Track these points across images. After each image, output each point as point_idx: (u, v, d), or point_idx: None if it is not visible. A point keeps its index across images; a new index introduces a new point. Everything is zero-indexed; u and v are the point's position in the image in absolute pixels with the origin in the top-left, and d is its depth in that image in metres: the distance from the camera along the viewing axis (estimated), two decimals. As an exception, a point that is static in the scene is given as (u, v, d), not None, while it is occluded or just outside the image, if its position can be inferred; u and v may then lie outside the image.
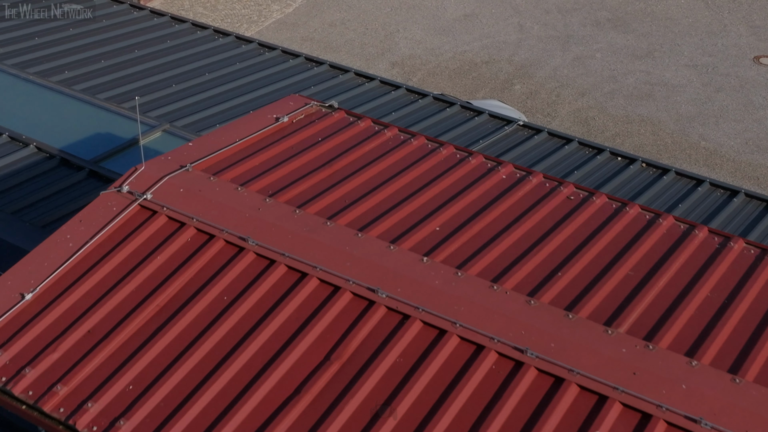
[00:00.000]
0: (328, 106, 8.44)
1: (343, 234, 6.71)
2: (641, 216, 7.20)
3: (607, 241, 6.86)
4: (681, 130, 23.00)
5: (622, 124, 23.19)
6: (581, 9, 28.57)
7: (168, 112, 11.47)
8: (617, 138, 22.56)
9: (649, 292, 6.34)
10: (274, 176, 7.38)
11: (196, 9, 29.09)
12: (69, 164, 9.96)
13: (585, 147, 11.49)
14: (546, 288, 6.31)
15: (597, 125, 23.13)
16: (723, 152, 22.30)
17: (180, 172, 7.27)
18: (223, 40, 13.70)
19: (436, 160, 7.77)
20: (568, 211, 7.20)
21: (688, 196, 10.57)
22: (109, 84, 12.06)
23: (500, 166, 7.69)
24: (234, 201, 7.01)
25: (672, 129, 23.07)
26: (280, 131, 8.04)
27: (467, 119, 11.98)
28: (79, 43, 13.14)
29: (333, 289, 6.34)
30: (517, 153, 11.21)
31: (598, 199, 7.33)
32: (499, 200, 7.25)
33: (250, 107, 11.87)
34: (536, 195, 7.39)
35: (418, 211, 7.09)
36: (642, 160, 11.22)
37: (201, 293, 6.39)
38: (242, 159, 7.58)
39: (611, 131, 22.87)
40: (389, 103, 12.26)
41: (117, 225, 6.92)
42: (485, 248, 6.68)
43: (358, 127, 8.16)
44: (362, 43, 26.36)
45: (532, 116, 22.93)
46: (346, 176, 7.44)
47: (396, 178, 7.43)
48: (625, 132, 22.85)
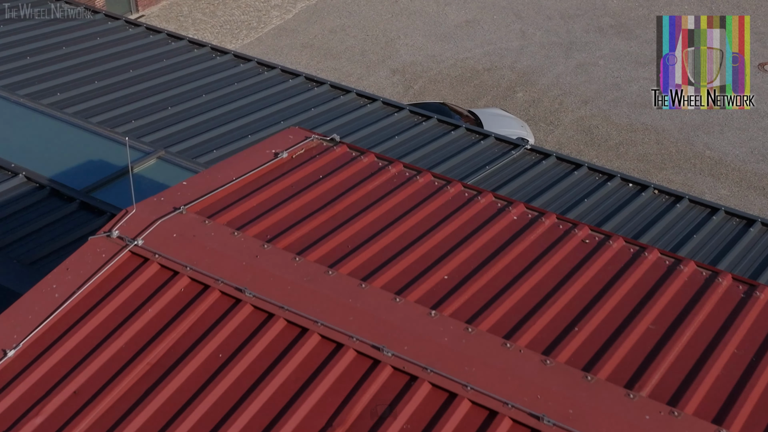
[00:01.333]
0: (329, 139, 8.05)
1: (345, 284, 6.32)
2: (660, 262, 6.80)
3: (625, 291, 6.47)
4: (685, 139, 22.63)
5: (626, 132, 22.83)
6: (584, 15, 28.20)
7: (163, 136, 11.08)
8: (621, 147, 22.20)
9: (672, 348, 5.95)
10: (272, 219, 6.98)
11: (194, 15, 28.71)
12: (59, 195, 9.57)
13: (595, 172, 11.11)
14: (562, 345, 5.91)
15: (600, 134, 22.76)
16: (728, 161, 21.93)
17: (173, 215, 6.88)
18: (220, 58, 13.31)
19: (444, 200, 7.38)
20: (583, 257, 6.81)
21: (704, 225, 10.19)
22: (102, 106, 11.67)
23: (511, 206, 7.30)
24: (230, 247, 6.62)
25: (676, 137, 22.70)
26: (279, 168, 7.65)
27: (473, 143, 11.59)
28: (73, 63, 12.75)
29: (335, 346, 5.95)
30: (525, 179, 10.83)
31: (615, 243, 6.94)
32: (510, 245, 6.86)
33: (248, 130, 11.49)
34: (549, 238, 7.00)
35: (424, 257, 6.70)
36: (654, 187, 10.84)
37: (194, 350, 6.00)
38: (239, 199, 7.19)
39: (615, 140, 22.51)
40: (392, 126, 11.87)
41: (106, 273, 6.53)
42: (497, 300, 6.29)
43: (361, 163, 7.77)
44: (363, 49, 25.99)
45: (535, 125, 22.57)
46: (348, 218, 7.05)
47: (401, 220, 7.04)
48: (629, 141, 22.49)
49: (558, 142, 22.28)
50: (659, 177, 21.16)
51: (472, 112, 21.47)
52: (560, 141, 22.35)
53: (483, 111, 21.69)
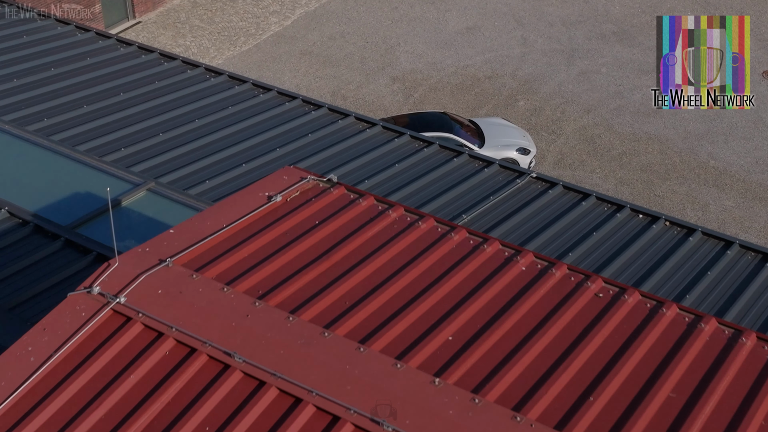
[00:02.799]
0: (326, 180, 7.60)
1: (342, 348, 5.88)
2: (680, 319, 6.36)
3: (642, 353, 6.03)
4: (689, 149, 22.22)
5: (629, 142, 22.42)
6: (586, 21, 27.79)
7: (154, 165, 10.63)
8: (624, 157, 21.80)
9: (697, 419, 5.51)
10: (265, 271, 6.54)
11: (192, 21, 28.28)
12: (44, 232, 9.11)
13: (603, 203, 10.66)
14: (577, 418, 5.47)
15: (603, 143, 22.36)
16: (732, 172, 21.53)
17: (159, 269, 6.43)
18: (215, 80, 12.85)
19: (448, 248, 6.93)
20: (597, 313, 6.37)
21: (718, 261, 9.75)
22: (91, 133, 11.22)
23: (519, 255, 6.86)
24: (219, 305, 6.17)
25: (680, 147, 22.29)
26: (272, 213, 7.20)
27: (476, 170, 11.14)
28: (62, 85, 12.30)
29: (331, 419, 5.51)
30: (531, 210, 10.39)
31: (631, 298, 6.49)
32: (519, 301, 6.41)
33: (243, 158, 11.05)
34: (561, 292, 6.56)
35: (427, 315, 6.25)
36: (665, 218, 10.39)
37: (180, 422, 5.56)
38: (230, 249, 6.75)
39: (618, 149, 22.11)
40: (392, 152, 11.42)
41: (86, 334, 6.08)
42: (505, 365, 5.85)
43: (359, 207, 7.32)
44: (362, 57, 25.58)
45: (537, 134, 22.16)
46: (345, 271, 6.60)
47: (402, 273, 6.60)
48: (632, 150, 22.09)
49: (560, 152, 21.89)
50: (663, 188, 20.77)
51: (473, 121, 21.08)
52: (562, 151, 21.97)
53: (484, 120, 21.30)
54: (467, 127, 20.72)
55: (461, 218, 10.08)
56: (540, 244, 9.81)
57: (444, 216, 10.20)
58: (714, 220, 20.08)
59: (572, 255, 9.62)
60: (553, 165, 21.54)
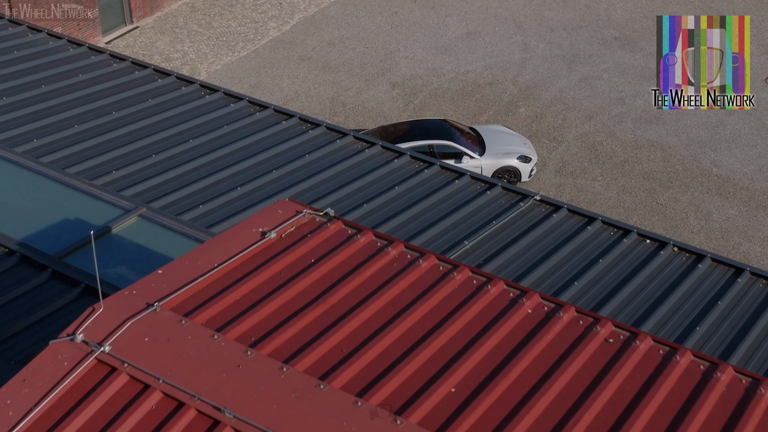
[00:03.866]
0: (323, 214, 7.28)
1: (339, 402, 5.55)
2: (694, 367, 6.04)
3: (656, 406, 5.71)
4: (692, 156, 21.93)
5: (631, 149, 22.13)
6: (587, 26, 27.48)
7: (146, 189, 10.31)
8: (626, 164, 21.50)
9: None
10: (257, 316, 6.22)
11: (190, 26, 27.96)
12: (30, 261, 8.78)
13: (609, 227, 10.33)
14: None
15: (605, 151, 22.06)
16: (736, 179, 21.23)
17: (146, 314, 6.11)
18: (210, 97, 12.52)
19: (450, 289, 6.61)
20: (608, 361, 6.05)
21: (729, 289, 9.43)
22: (81, 154, 10.89)
23: (525, 296, 6.53)
24: (209, 355, 5.85)
25: (683, 155, 22.00)
26: (266, 251, 6.88)
27: (479, 193, 10.81)
28: (52, 103, 11.97)
29: (328, 482, 5.19)
30: (535, 236, 10.06)
31: (642, 343, 6.17)
32: (526, 347, 6.09)
33: (238, 181, 10.73)
34: (569, 337, 6.24)
35: (428, 364, 5.93)
36: (673, 244, 10.07)
37: (166, 484, 5.24)
38: (221, 292, 6.42)
39: (620, 157, 21.81)
40: (392, 174, 11.10)
41: (68, 386, 5.76)
42: (513, 419, 5.53)
43: (357, 244, 7.00)
44: (362, 62, 25.29)
45: (538, 141, 21.86)
46: (342, 315, 6.28)
47: (402, 317, 6.27)
48: (634, 158, 21.79)
49: (561, 160, 21.61)
50: (665, 196, 20.49)
51: (474, 129, 20.79)
52: (564, 158, 21.68)
53: (485, 128, 21.01)
54: (468, 134, 20.44)
55: (463, 245, 9.76)
56: (544, 273, 9.49)
57: (445, 242, 9.89)
58: (717, 229, 19.78)
59: (578, 284, 9.30)
60: (555, 173, 21.26)
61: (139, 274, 9.00)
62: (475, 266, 9.62)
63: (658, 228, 19.51)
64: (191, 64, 25.99)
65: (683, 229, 19.72)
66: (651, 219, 19.92)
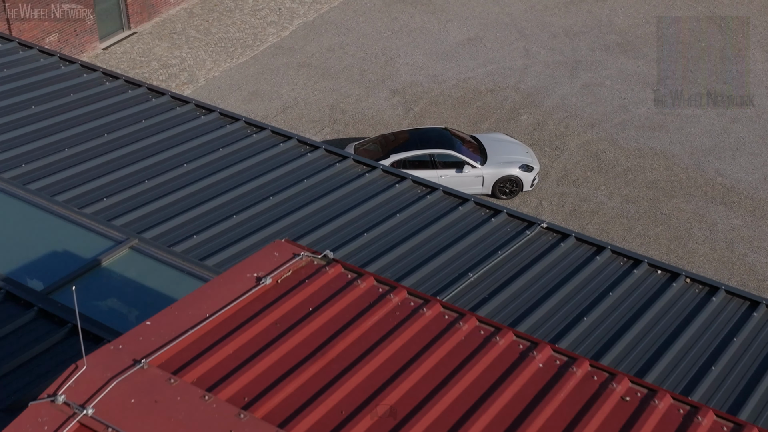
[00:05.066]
0: (321, 257, 6.89)
1: (338, 473, 5.18)
2: (717, 427, 5.66)
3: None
4: (696, 165, 21.56)
5: (634, 158, 21.77)
6: (589, 32, 27.11)
7: (138, 218, 9.92)
8: (629, 173, 21.14)
9: None
10: (251, 373, 5.83)
11: (188, 32, 27.57)
12: (16, 299, 8.38)
13: (619, 256, 9.95)
14: None
15: (608, 159, 21.70)
16: (740, 188, 20.87)
17: (132, 372, 5.72)
18: (205, 117, 12.12)
19: (456, 340, 6.23)
20: (625, 422, 5.66)
21: (745, 324, 9.05)
22: (71, 180, 10.50)
23: (536, 349, 6.15)
24: (199, 418, 5.46)
25: (686, 163, 21.63)
26: (261, 298, 6.50)
27: (483, 220, 10.42)
28: (42, 125, 11.58)
29: None
30: (543, 266, 9.68)
31: (661, 403, 5.79)
32: (539, 405, 5.71)
33: (233, 208, 10.34)
34: (584, 394, 5.86)
35: (435, 425, 5.54)
36: (686, 275, 9.69)
37: None
38: (213, 345, 6.03)
39: (623, 165, 21.45)
40: (394, 200, 10.71)
41: (48, 454, 5.37)
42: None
43: (358, 290, 6.61)
44: (362, 69, 24.93)
45: (540, 149, 21.50)
46: (342, 371, 5.89)
47: (405, 374, 5.89)
48: (637, 167, 21.44)
49: (564, 168, 21.26)
50: (669, 205, 20.13)
51: (475, 137, 20.42)
52: (566, 167, 21.33)
53: (486, 136, 20.64)
54: (469, 143, 20.07)
55: (467, 277, 9.38)
56: (552, 307, 9.11)
57: (449, 274, 9.50)
58: (722, 240, 19.42)
59: (587, 320, 8.92)
60: (557, 182, 20.91)
61: (130, 311, 8.64)
62: (480, 299, 9.27)
63: (662, 238, 19.16)
64: (189, 71, 25.63)
65: (687, 240, 19.36)
66: (654, 229, 19.57)
